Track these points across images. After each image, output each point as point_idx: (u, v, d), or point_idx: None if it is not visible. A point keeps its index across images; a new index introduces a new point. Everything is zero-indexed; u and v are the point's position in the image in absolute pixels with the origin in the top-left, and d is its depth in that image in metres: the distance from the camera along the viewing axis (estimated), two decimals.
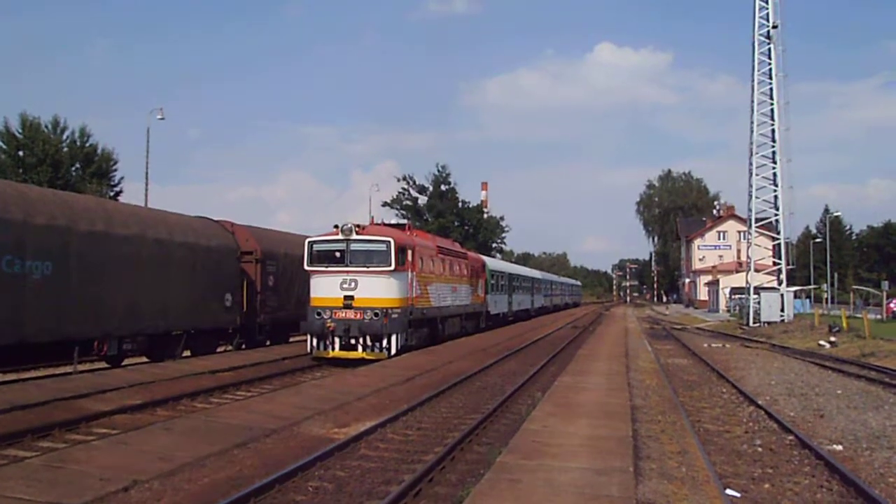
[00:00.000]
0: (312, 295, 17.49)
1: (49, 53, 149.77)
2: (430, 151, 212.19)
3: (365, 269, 16.94)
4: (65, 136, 45.91)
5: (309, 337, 17.42)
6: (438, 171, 69.32)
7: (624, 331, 31.58)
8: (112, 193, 46.15)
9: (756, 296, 34.42)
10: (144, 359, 16.50)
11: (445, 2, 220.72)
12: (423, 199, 69.00)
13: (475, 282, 26.78)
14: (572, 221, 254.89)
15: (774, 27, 34.17)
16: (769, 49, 34.40)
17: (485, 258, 32.38)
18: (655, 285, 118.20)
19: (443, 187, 68.91)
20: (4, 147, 43.23)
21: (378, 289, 16.99)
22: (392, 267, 16.97)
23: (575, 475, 6.64)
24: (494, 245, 73.58)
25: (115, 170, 48.38)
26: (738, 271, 57.19)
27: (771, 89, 34.36)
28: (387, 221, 23.02)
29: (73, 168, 45.68)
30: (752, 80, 34.69)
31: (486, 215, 73.86)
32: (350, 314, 16.78)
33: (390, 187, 76.71)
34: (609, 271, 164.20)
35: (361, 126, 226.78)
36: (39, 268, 12.81)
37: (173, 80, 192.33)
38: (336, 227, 17.44)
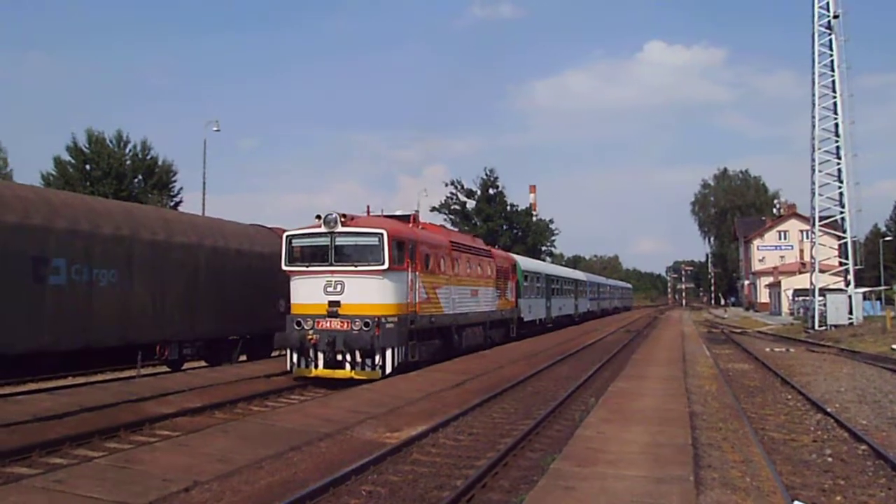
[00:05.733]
0: (292, 301, 14.63)
1: (102, 55, 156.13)
2: (478, 155, 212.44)
3: (353, 268, 13.98)
4: (127, 150, 48.14)
5: (288, 352, 14.43)
6: (486, 174, 69.32)
7: (680, 335, 30.67)
8: (172, 203, 48.04)
9: (821, 298, 32.90)
10: (203, 363, 17.05)
11: (490, 6, 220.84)
12: (471, 204, 69.07)
13: (503, 284, 23.36)
14: (624, 223, 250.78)
15: (836, 17, 32.66)
16: (830, 40, 32.89)
17: (516, 257, 28.49)
18: (713, 288, 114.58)
19: (491, 191, 68.81)
20: (73, 161, 45.65)
21: (368, 293, 13.94)
22: (385, 265, 13.89)
23: (632, 483, 6.44)
24: (544, 248, 72.99)
25: (175, 181, 50.45)
26: (800, 272, 54.85)
27: (833, 82, 32.84)
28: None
29: (136, 180, 47.84)
30: (813, 73, 33.27)
31: (535, 218, 73.35)
32: (335, 324, 13.77)
33: (439, 192, 76.60)
34: (663, 274, 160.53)
35: (408, 132, 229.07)
36: (105, 275, 13.42)
37: (224, 91, 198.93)
38: (318, 217, 14.29)
